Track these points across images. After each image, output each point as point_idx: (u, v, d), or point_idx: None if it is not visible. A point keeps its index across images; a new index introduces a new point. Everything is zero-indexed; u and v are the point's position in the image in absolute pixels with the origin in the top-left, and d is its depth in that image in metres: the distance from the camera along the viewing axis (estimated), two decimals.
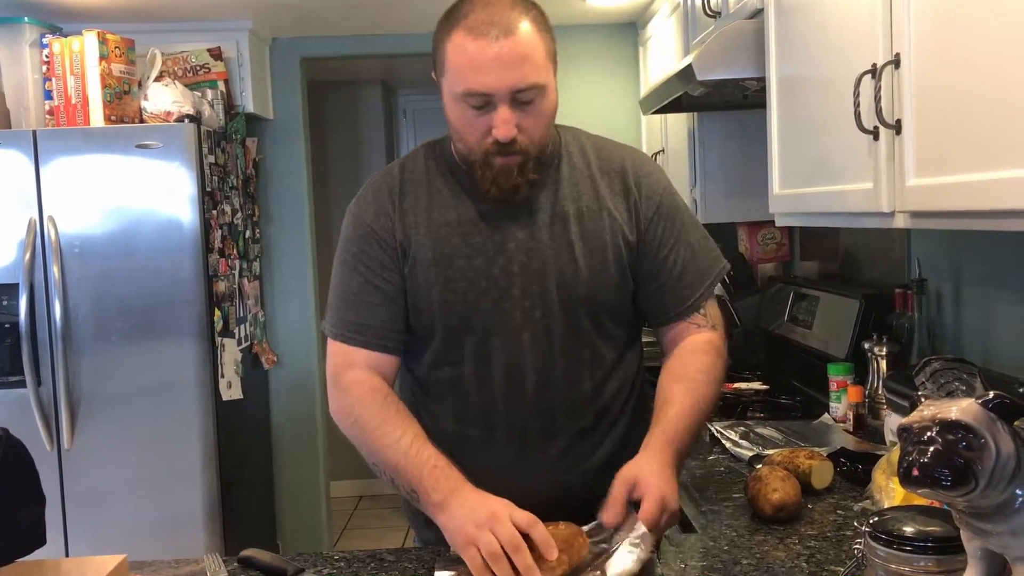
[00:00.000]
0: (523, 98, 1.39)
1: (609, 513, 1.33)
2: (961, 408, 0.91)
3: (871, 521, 1.12)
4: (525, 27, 1.38)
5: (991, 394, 0.91)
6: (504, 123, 1.39)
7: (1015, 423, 0.92)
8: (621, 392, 1.56)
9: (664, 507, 1.32)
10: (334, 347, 1.54)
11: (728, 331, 1.59)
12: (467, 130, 1.43)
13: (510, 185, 1.44)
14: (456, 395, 1.53)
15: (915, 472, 0.90)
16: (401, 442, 1.41)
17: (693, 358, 1.52)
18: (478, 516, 1.28)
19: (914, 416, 0.94)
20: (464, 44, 1.37)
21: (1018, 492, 0.90)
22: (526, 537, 1.25)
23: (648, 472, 1.35)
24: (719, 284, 1.63)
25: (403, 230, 1.51)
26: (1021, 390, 1.57)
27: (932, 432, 0.91)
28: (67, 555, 3.12)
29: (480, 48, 1.36)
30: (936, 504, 1.17)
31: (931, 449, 0.90)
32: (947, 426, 0.90)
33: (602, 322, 1.53)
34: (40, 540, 1.34)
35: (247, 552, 1.48)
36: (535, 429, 1.51)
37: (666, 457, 1.38)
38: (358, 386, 1.49)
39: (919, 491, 0.92)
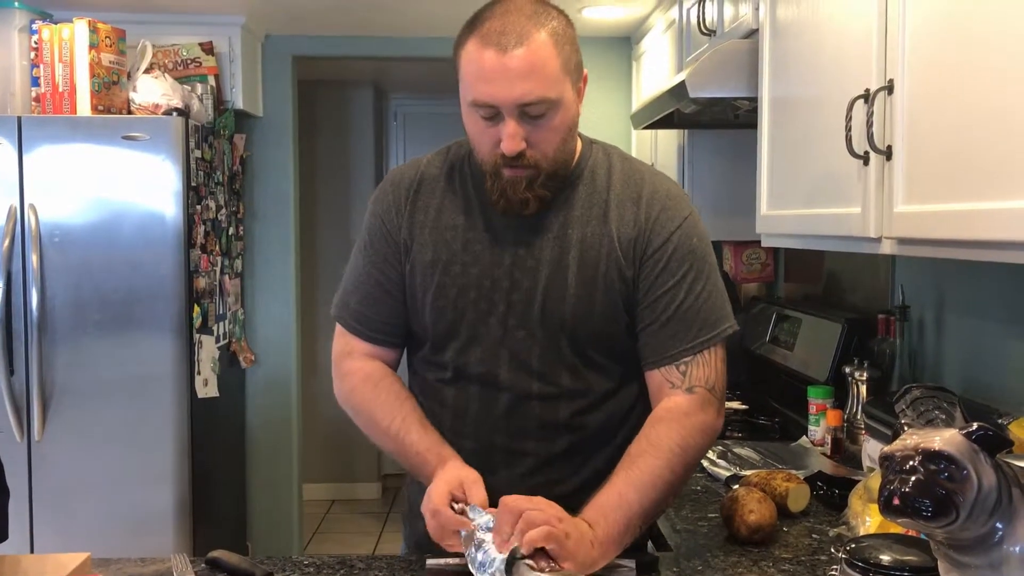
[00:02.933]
0: (532, 112, 1.34)
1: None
2: (944, 438, 0.90)
3: (848, 548, 1.12)
4: (540, 38, 1.33)
5: (975, 425, 0.91)
6: (510, 137, 1.34)
7: (997, 455, 0.91)
8: (608, 426, 1.49)
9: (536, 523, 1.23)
10: (337, 329, 1.57)
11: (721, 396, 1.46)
12: (478, 140, 1.40)
13: (518, 198, 1.40)
14: (436, 397, 1.52)
15: (896, 501, 0.90)
16: (390, 430, 1.48)
17: (651, 430, 1.40)
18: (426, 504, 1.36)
19: (897, 445, 0.93)
20: (475, 53, 1.34)
21: (998, 525, 0.90)
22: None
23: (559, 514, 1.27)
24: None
25: (409, 228, 1.49)
26: (1000, 421, 1.57)
27: (914, 462, 0.90)
28: (32, 550, 3.07)
29: (489, 58, 1.32)
30: (914, 533, 1.16)
31: (913, 479, 0.89)
32: (930, 456, 0.90)
33: (587, 352, 1.46)
34: (2, 535, 1.31)
35: (215, 553, 1.46)
36: (502, 446, 1.48)
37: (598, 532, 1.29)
38: (353, 375, 1.53)
39: (899, 520, 0.91)
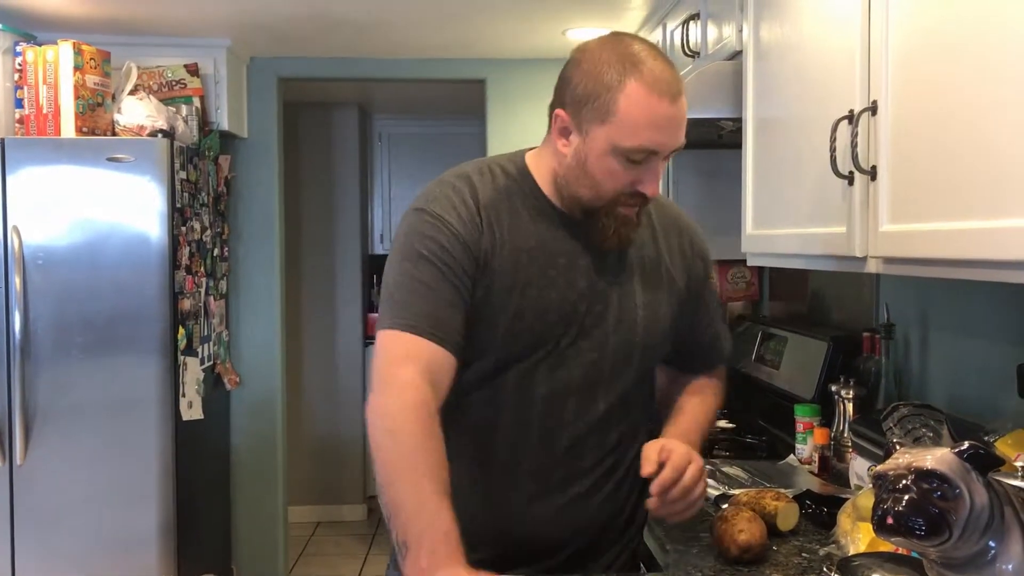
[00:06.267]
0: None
1: (645, 467, 1.39)
2: (936, 457, 0.91)
3: (840, 567, 1.12)
4: (683, 85, 1.40)
5: (966, 444, 0.91)
6: (656, 179, 1.41)
7: (988, 474, 0.92)
8: (625, 438, 1.55)
9: (689, 458, 1.41)
10: (393, 338, 1.37)
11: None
12: (610, 181, 1.39)
13: (628, 234, 1.45)
14: (490, 420, 1.45)
15: (889, 520, 0.90)
16: (425, 490, 1.26)
17: (705, 382, 1.66)
18: None
19: (889, 463, 0.94)
20: (645, 99, 1.35)
21: (991, 544, 0.90)
22: None
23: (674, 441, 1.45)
24: None
25: (490, 243, 1.43)
26: (986, 438, 1.58)
27: (907, 480, 0.91)
28: (13, 574, 3.03)
29: (663, 107, 1.35)
30: (905, 551, 1.17)
31: (906, 497, 0.90)
32: (922, 475, 0.90)
33: (645, 373, 1.56)
34: None
35: None
36: (560, 470, 1.48)
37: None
38: (411, 390, 1.32)
39: (893, 539, 0.92)
